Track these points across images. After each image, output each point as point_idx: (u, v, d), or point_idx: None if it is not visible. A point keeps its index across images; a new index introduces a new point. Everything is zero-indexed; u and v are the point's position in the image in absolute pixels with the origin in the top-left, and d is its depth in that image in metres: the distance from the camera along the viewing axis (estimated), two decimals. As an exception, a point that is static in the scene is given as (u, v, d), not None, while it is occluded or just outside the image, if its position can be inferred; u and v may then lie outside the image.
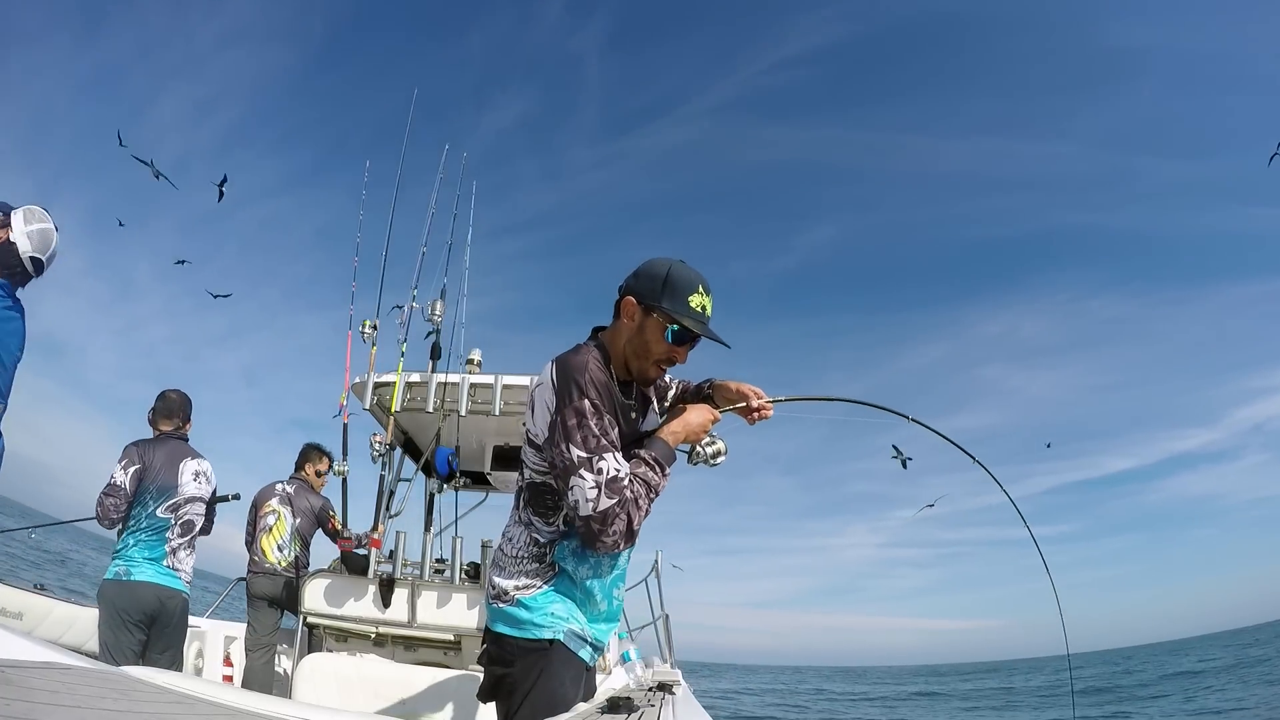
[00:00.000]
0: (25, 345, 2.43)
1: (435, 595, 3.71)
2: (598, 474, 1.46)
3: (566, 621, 1.60)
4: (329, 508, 4.56)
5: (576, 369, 1.54)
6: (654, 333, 1.60)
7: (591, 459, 1.47)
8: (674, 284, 1.59)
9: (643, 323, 1.61)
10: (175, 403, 3.58)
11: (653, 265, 1.64)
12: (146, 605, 3.28)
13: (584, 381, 1.52)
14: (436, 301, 4.60)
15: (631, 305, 1.62)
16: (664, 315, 1.59)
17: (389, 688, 3.13)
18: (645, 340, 1.62)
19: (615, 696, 2.03)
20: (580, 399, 1.50)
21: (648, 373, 1.66)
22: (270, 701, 1.29)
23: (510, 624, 1.60)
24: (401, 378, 4.25)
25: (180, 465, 3.46)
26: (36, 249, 2.38)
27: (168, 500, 3.39)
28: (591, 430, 1.49)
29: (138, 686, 1.29)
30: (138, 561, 3.32)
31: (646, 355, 1.63)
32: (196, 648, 4.29)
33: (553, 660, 1.58)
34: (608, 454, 1.48)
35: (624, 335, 1.65)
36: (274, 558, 4.38)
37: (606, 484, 1.46)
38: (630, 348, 1.64)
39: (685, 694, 2.89)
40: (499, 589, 1.64)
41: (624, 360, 1.66)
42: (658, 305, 1.59)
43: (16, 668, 1.19)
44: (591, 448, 1.47)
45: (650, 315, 1.60)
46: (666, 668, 4.55)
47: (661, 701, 2.24)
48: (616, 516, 1.46)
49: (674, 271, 1.60)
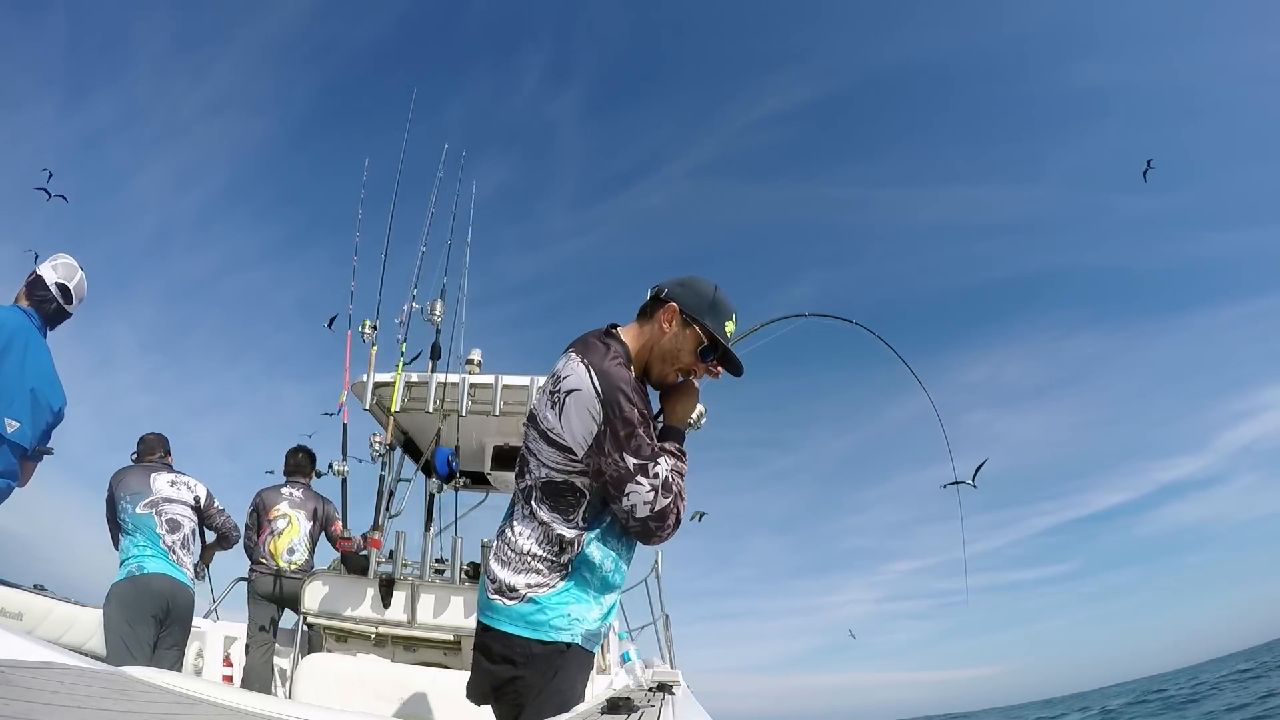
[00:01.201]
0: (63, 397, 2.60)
1: (435, 595, 3.71)
2: (653, 479, 1.56)
3: (583, 622, 1.59)
4: (334, 511, 4.58)
5: (620, 380, 1.61)
6: (689, 344, 1.70)
7: (646, 465, 1.56)
8: (718, 305, 1.71)
9: (680, 332, 1.70)
10: (153, 441, 3.84)
11: (699, 282, 1.74)
12: (162, 597, 3.38)
13: (630, 391, 1.60)
14: (436, 302, 4.59)
15: (674, 312, 1.70)
16: (704, 331, 1.69)
17: (389, 688, 3.13)
18: (678, 349, 1.71)
19: (615, 696, 2.03)
20: (630, 409, 1.58)
21: (668, 377, 1.74)
22: (270, 701, 1.29)
23: (522, 623, 1.57)
24: (401, 378, 4.25)
25: (152, 475, 3.63)
26: (63, 277, 2.62)
27: (143, 499, 3.51)
28: (644, 440, 1.58)
29: (138, 686, 1.29)
30: (147, 557, 3.42)
31: (674, 362, 1.72)
32: (196, 648, 4.29)
33: (569, 664, 1.57)
34: (659, 458, 1.59)
35: (653, 338, 1.72)
36: (284, 560, 4.41)
37: (661, 487, 1.56)
38: (659, 351, 1.72)
39: (685, 694, 2.89)
40: (504, 584, 1.61)
41: (644, 361, 1.73)
42: (700, 320, 1.69)
43: (16, 668, 1.19)
44: (645, 455, 1.57)
45: (690, 327, 1.70)
46: (666, 668, 4.54)
47: (661, 701, 2.24)
48: (671, 512, 1.57)
49: (719, 294, 1.73)
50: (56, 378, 2.61)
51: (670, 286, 1.73)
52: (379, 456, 4.34)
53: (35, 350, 2.51)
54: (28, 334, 2.50)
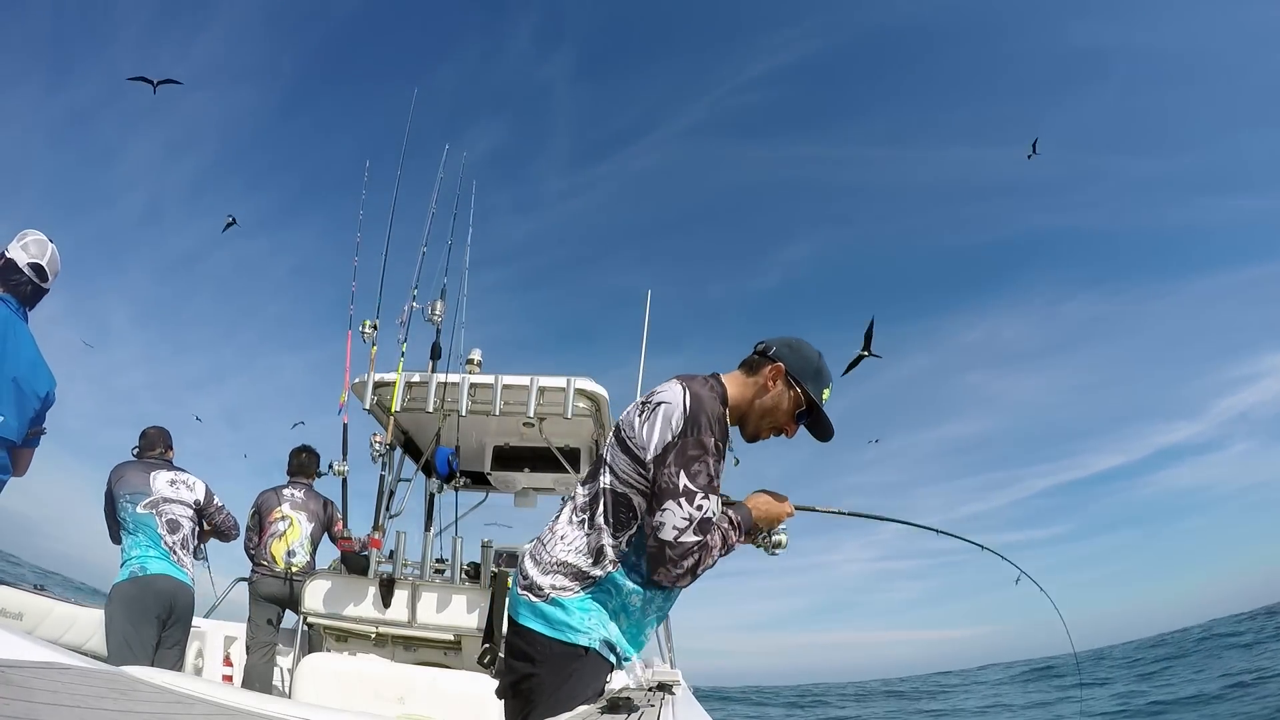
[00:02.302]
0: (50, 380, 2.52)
1: (435, 595, 3.71)
2: (697, 509, 1.52)
3: (601, 629, 1.58)
4: (336, 512, 4.59)
5: (711, 408, 1.61)
6: (789, 405, 1.74)
7: (695, 494, 1.52)
8: (821, 374, 1.76)
9: (782, 392, 1.73)
10: (154, 436, 3.84)
11: (806, 347, 1.78)
12: (165, 597, 3.38)
13: (715, 421, 1.60)
14: (436, 302, 4.59)
15: (780, 372, 1.73)
16: (806, 397, 1.73)
17: (389, 688, 3.13)
18: (778, 408, 1.73)
19: (615, 696, 2.03)
20: (709, 436, 1.57)
21: (761, 434, 1.78)
22: (270, 701, 1.29)
23: (544, 622, 1.57)
24: (401, 378, 4.25)
25: (151, 474, 3.62)
26: (34, 255, 2.47)
27: (143, 500, 3.51)
28: (709, 469, 1.56)
29: (138, 686, 1.29)
30: (149, 558, 3.42)
31: (771, 419, 1.75)
32: (196, 648, 4.30)
33: (585, 668, 1.56)
34: (711, 496, 1.55)
35: (755, 394, 1.74)
36: (285, 562, 4.42)
37: (699, 522, 1.52)
38: (760, 407, 1.74)
39: (685, 694, 2.89)
40: (532, 582, 1.62)
41: (741, 412, 1.75)
42: (803, 384, 1.73)
43: (16, 668, 1.19)
44: (701, 484, 1.54)
45: (792, 389, 1.73)
46: (666, 668, 4.54)
47: (661, 701, 2.24)
48: (691, 554, 1.52)
49: (822, 362, 1.78)
50: (41, 361, 2.51)
51: (779, 346, 1.76)
52: (379, 456, 4.35)
53: (15, 337, 2.41)
54: (6, 323, 2.40)
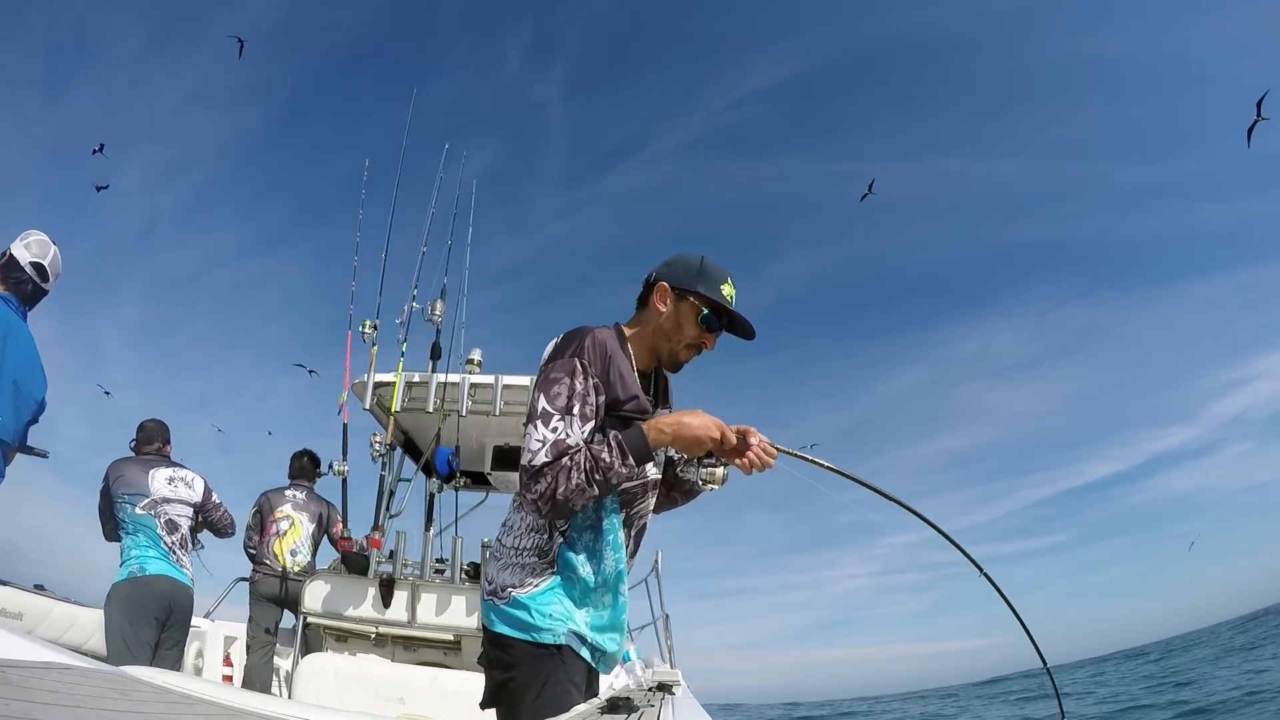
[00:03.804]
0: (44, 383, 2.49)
1: (435, 595, 3.71)
2: (552, 431, 1.44)
3: (566, 622, 1.52)
4: (336, 513, 4.59)
5: (580, 332, 1.56)
6: (688, 316, 1.62)
7: (552, 416, 1.45)
8: (709, 272, 1.63)
9: (676, 308, 1.63)
10: (152, 429, 3.78)
11: (685, 256, 1.67)
12: (164, 598, 3.37)
13: (584, 344, 1.52)
14: (436, 302, 4.60)
15: (665, 290, 1.64)
16: (700, 299, 1.61)
17: (389, 688, 3.13)
18: (679, 324, 1.63)
19: (615, 696, 2.03)
20: (571, 358, 1.50)
21: (678, 355, 1.66)
22: (270, 701, 1.29)
23: (511, 624, 1.52)
24: (401, 378, 4.25)
25: (150, 472, 3.59)
26: (36, 255, 2.47)
27: (141, 500, 3.50)
28: (570, 390, 1.47)
29: (138, 686, 1.29)
30: (148, 559, 3.41)
31: (677, 337, 1.64)
32: (196, 648, 4.30)
33: (559, 666, 1.50)
34: (571, 416, 1.46)
35: (654, 321, 1.65)
36: (287, 562, 4.43)
37: (553, 444, 1.43)
38: (660, 331, 1.65)
39: (685, 694, 2.88)
40: (495, 584, 1.56)
41: (650, 348, 1.66)
42: (693, 290, 1.61)
43: (16, 668, 1.19)
44: (558, 406, 1.46)
45: (685, 300, 1.62)
46: (666, 668, 4.54)
47: (661, 701, 2.24)
48: (544, 476, 1.42)
49: (707, 261, 1.65)
50: (39, 364, 2.49)
51: (657, 269, 1.68)
52: (379, 456, 4.35)
53: (16, 338, 2.39)
54: (7, 323, 2.38)
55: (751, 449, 1.55)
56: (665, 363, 1.68)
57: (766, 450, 1.56)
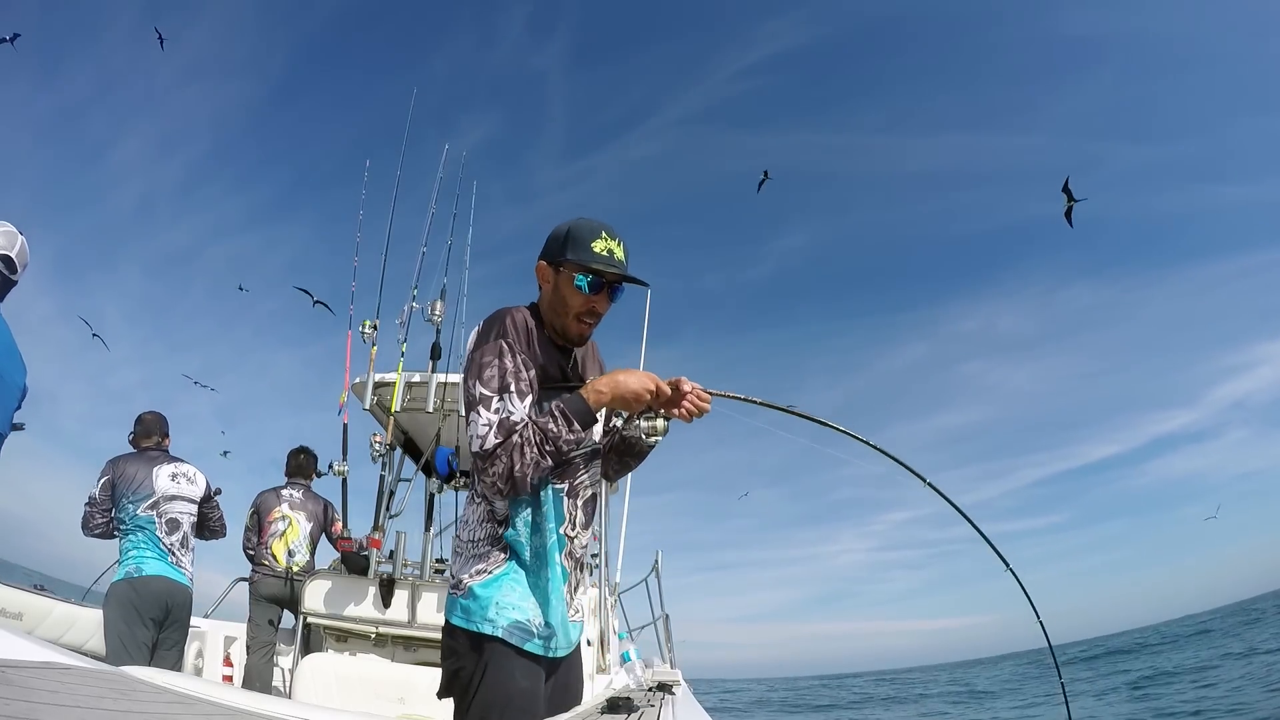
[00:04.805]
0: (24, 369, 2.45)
1: (435, 595, 3.71)
2: (494, 413, 1.47)
3: (513, 610, 1.53)
4: (334, 512, 4.59)
5: (499, 314, 1.58)
6: (567, 286, 1.61)
7: (492, 398, 1.48)
8: (575, 236, 1.60)
9: (555, 281, 1.62)
10: (151, 422, 3.76)
11: (555, 228, 1.66)
12: (160, 599, 3.36)
13: (505, 324, 1.55)
14: (436, 302, 4.60)
15: (543, 268, 1.64)
16: (571, 266, 1.59)
17: (389, 688, 3.13)
18: (562, 297, 1.62)
19: (615, 696, 2.03)
20: (497, 339, 1.53)
21: (571, 329, 1.64)
22: (270, 701, 1.29)
23: (461, 615, 1.55)
24: (401, 378, 4.25)
25: (154, 469, 3.58)
26: (3, 247, 2.37)
27: (145, 501, 3.49)
28: (500, 370, 1.50)
29: (138, 686, 1.29)
30: (145, 559, 3.41)
31: (567, 311, 1.62)
32: (196, 648, 4.30)
33: (497, 653, 1.51)
34: (509, 394, 1.49)
35: (545, 300, 1.66)
36: (285, 562, 4.43)
37: (499, 424, 1.46)
38: (550, 305, 1.64)
39: (685, 694, 2.89)
40: (455, 578, 1.60)
41: (548, 323, 1.66)
42: (564, 258, 1.60)
43: (16, 668, 1.19)
44: (494, 387, 1.49)
45: (560, 271, 1.61)
46: (666, 668, 4.54)
47: (661, 701, 2.25)
48: (498, 458, 1.45)
49: (574, 225, 1.63)
50: (16, 351, 2.37)
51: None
52: (379, 456, 4.35)
53: None
54: None
55: (686, 397, 1.59)
56: (569, 338, 1.67)
57: (700, 396, 1.61)
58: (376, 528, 4.10)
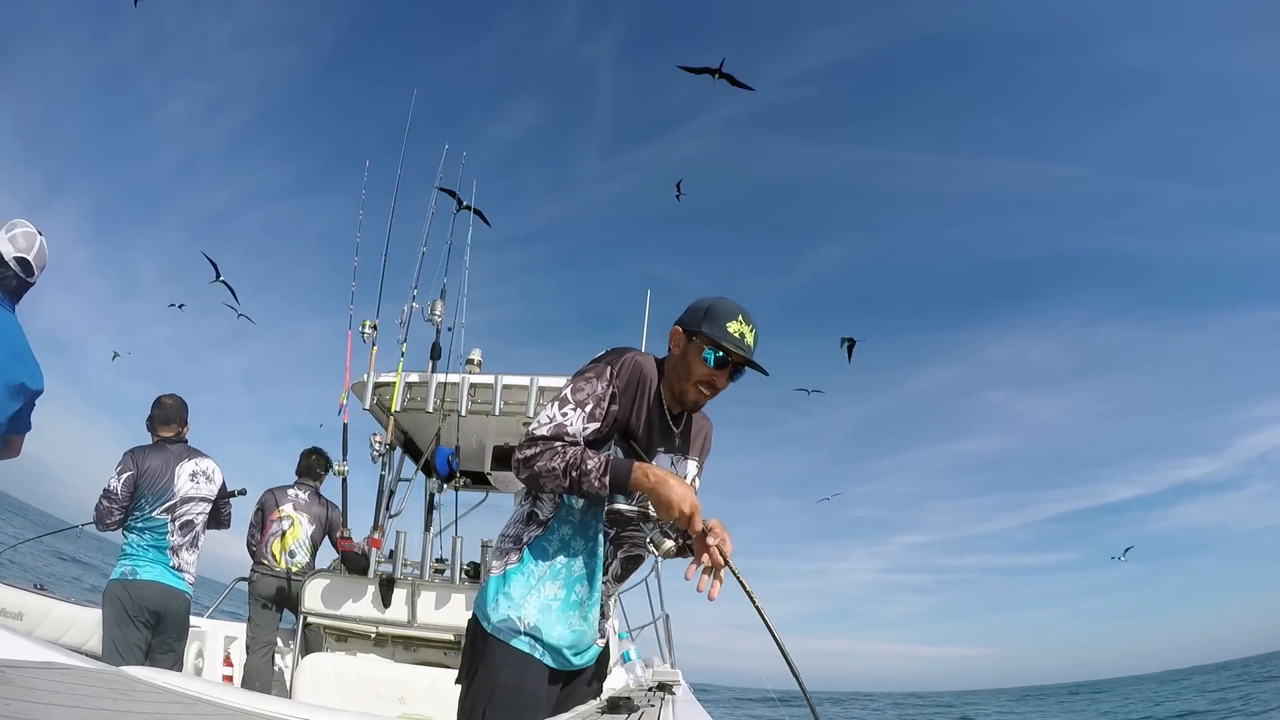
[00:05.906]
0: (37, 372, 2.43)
1: (435, 595, 3.71)
2: (561, 415, 1.61)
3: (508, 607, 1.63)
4: (339, 517, 4.57)
5: (626, 351, 1.71)
6: (695, 356, 1.71)
7: (567, 403, 1.62)
8: (715, 313, 1.71)
9: (686, 348, 1.73)
10: (171, 409, 3.60)
11: (699, 300, 1.79)
12: (152, 603, 3.31)
13: (623, 362, 1.67)
14: (436, 302, 4.60)
15: (677, 333, 1.76)
16: (703, 339, 1.70)
17: (389, 688, 3.13)
18: (688, 363, 1.72)
19: (615, 696, 2.03)
20: (606, 365, 1.67)
21: (688, 394, 1.73)
22: (270, 701, 1.29)
23: (476, 607, 1.70)
24: (401, 378, 4.25)
25: (176, 468, 3.48)
26: (21, 249, 2.35)
27: (164, 503, 3.42)
28: (592, 390, 1.63)
29: (138, 686, 1.29)
30: (143, 562, 3.36)
31: (688, 377, 1.72)
32: (196, 648, 4.29)
33: (491, 647, 1.63)
34: (582, 410, 1.61)
35: (671, 362, 1.77)
36: (285, 562, 4.42)
37: (556, 425, 1.60)
38: (675, 372, 1.75)
39: (685, 694, 2.89)
40: (488, 567, 1.74)
41: (668, 385, 1.76)
42: (699, 330, 1.70)
43: (16, 668, 1.19)
44: (577, 398, 1.62)
45: (692, 340, 1.72)
46: (666, 668, 4.54)
47: (661, 701, 2.25)
48: (535, 446, 1.59)
49: (715, 302, 1.74)
50: (28, 353, 2.36)
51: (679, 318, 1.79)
52: (379, 456, 4.36)
53: (1, 331, 2.28)
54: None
55: (710, 549, 1.52)
56: (685, 402, 1.77)
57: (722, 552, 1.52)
58: (376, 527, 4.11)
